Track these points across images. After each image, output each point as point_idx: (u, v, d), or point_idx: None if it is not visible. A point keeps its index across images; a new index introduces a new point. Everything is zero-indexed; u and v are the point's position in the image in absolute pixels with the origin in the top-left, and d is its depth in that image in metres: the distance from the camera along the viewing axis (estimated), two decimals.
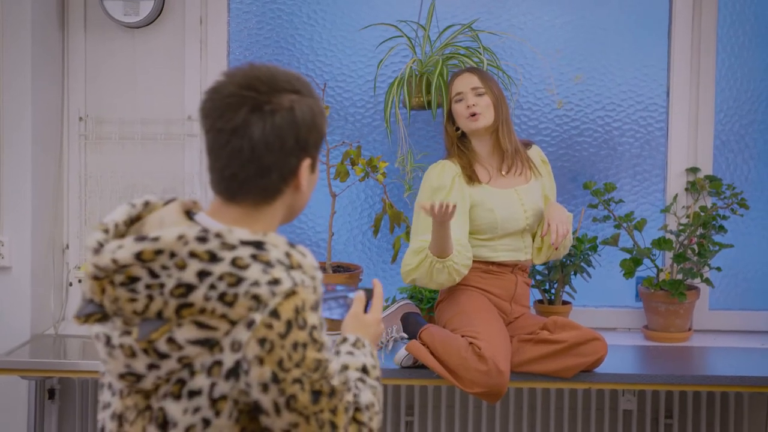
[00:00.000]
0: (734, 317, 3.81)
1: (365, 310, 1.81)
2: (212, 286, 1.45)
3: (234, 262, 1.46)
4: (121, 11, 3.67)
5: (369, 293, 1.81)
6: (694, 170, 3.72)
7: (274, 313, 1.45)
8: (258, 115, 1.53)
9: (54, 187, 3.75)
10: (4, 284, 3.57)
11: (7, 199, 3.55)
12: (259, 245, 1.49)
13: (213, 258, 1.46)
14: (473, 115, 3.27)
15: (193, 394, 1.48)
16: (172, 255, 1.46)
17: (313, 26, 3.84)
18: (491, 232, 3.28)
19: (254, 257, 1.47)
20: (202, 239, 1.47)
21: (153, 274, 1.47)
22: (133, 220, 1.62)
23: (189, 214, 1.62)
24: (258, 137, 1.53)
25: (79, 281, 3.78)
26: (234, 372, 1.47)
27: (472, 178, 3.28)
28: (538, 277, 3.65)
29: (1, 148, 3.53)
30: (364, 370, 1.68)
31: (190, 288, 1.46)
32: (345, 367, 1.66)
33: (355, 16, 3.82)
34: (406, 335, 3.38)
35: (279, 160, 1.56)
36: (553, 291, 3.67)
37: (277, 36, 3.85)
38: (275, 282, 1.46)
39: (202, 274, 1.45)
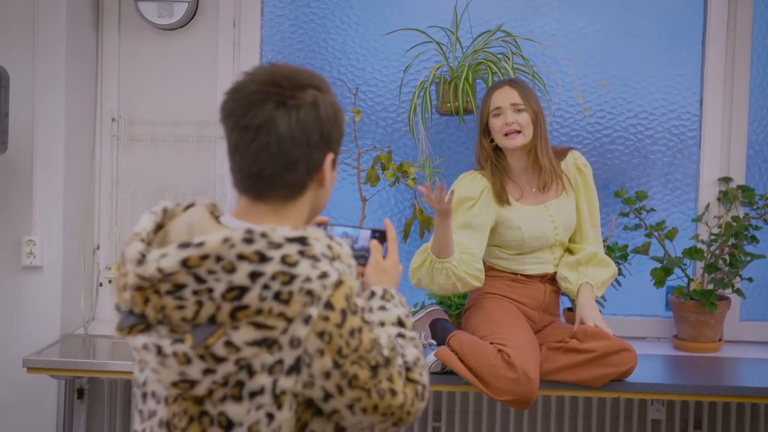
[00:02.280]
0: (765, 328, 3.77)
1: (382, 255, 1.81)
2: (266, 286, 1.46)
3: (284, 260, 1.47)
4: (155, 13, 3.68)
5: (381, 235, 1.82)
6: (726, 180, 3.70)
7: (329, 305, 1.48)
8: (283, 110, 1.55)
9: (86, 187, 3.78)
10: (35, 284, 3.59)
11: (40, 199, 3.57)
12: (303, 241, 1.50)
13: (262, 258, 1.47)
14: (512, 132, 3.20)
15: (255, 394, 1.49)
16: (219, 259, 1.47)
17: (346, 30, 3.84)
18: (519, 249, 3.26)
19: (302, 253, 1.49)
20: (248, 240, 1.48)
21: (199, 280, 1.47)
22: (156, 228, 1.63)
23: (214, 217, 1.62)
24: (284, 132, 1.55)
25: (109, 281, 3.79)
26: (295, 367, 1.49)
27: (501, 199, 3.23)
28: None
29: (34, 147, 3.56)
30: (400, 322, 1.69)
31: (243, 290, 1.46)
32: (381, 324, 1.68)
33: (388, 21, 3.81)
34: (434, 341, 3.37)
35: (305, 155, 1.58)
36: None
37: (309, 40, 3.86)
38: (324, 275, 1.49)
39: (254, 275, 1.46)
